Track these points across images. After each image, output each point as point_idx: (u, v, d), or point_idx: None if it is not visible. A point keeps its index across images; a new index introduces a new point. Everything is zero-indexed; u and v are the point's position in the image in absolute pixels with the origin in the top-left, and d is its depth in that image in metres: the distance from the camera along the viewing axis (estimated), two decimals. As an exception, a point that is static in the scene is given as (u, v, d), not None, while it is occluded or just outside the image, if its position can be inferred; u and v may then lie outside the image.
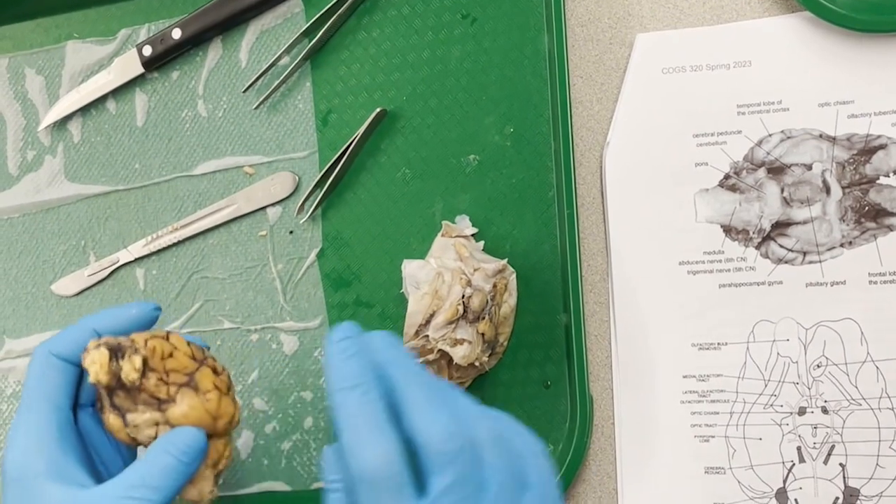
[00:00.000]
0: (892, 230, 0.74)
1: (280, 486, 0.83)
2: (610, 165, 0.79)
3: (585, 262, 0.79)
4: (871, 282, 0.74)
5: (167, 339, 0.63)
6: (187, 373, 0.62)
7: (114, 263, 0.87)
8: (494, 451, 0.55)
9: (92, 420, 0.66)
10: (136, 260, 0.87)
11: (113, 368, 0.60)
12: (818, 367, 0.74)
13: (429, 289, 0.75)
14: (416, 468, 0.54)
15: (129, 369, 0.60)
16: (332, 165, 0.82)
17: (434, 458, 0.53)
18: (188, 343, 0.64)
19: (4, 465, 0.61)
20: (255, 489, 0.83)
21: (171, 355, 0.62)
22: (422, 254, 0.80)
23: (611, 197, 0.78)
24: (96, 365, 0.60)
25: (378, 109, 0.82)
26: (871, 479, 0.73)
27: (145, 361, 0.61)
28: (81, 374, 0.64)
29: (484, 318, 0.75)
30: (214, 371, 0.64)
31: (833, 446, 0.74)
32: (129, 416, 0.62)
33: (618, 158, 0.79)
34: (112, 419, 0.62)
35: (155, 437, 0.61)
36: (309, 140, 0.85)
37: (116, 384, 0.61)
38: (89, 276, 0.87)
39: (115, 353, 0.60)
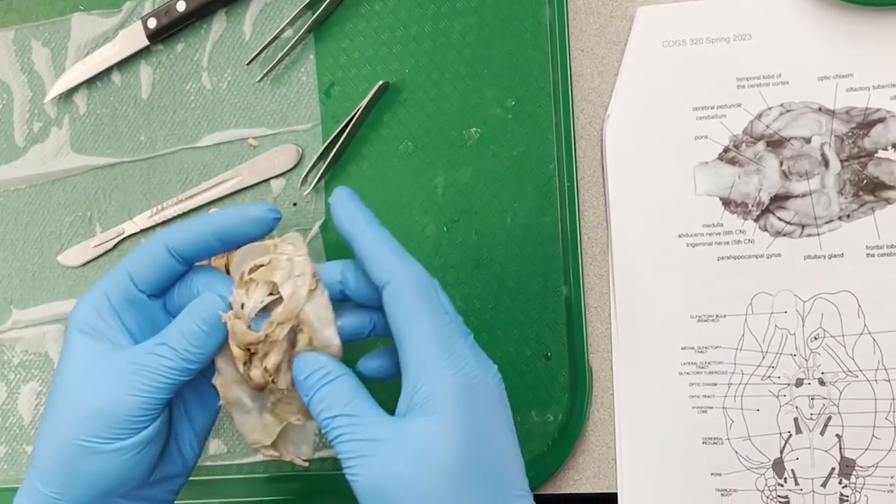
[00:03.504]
0: (890, 203, 0.74)
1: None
2: (610, 138, 0.79)
3: (585, 235, 0.80)
4: (868, 254, 0.74)
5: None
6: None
7: (119, 234, 0.88)
8: None
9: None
10: (141, 231, 0.87)
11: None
12: (815, 338, 0.75)
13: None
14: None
15: (259, 374, 0.64)
16: (335, 138, 0.83)
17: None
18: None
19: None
20: (260, 457, 0.84)
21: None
22: (423, 225, 0.81)
23: (611, 170, 0.79)
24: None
25: (381, 82, 0.82)
26: (866, 449, 0.74)
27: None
28: (185, 270, 0.68)
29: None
30: None
31: (830, 417, 0.74)
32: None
33: (618, 131, 0.79)
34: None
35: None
36: (312, 112, 0.85)
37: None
38: (95, 247, 0.88)
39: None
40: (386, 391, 0.66)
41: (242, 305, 0.64)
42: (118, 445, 0.62)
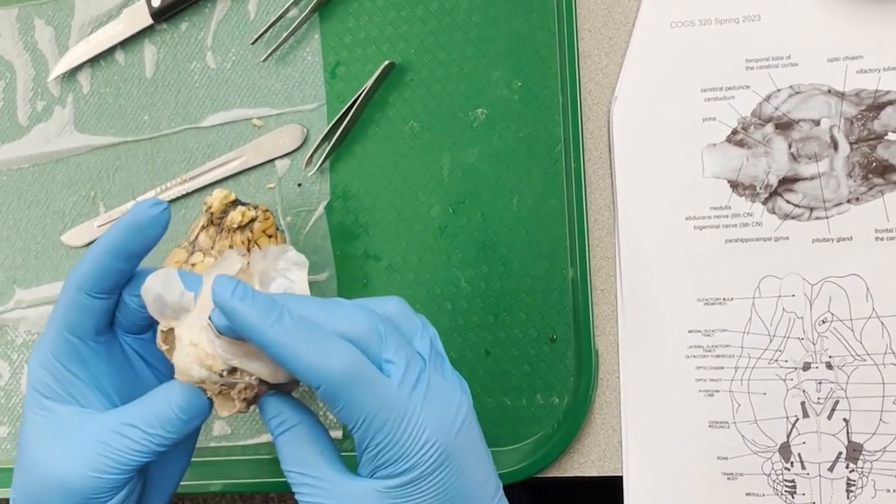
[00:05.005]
0: (899, 186, 0.74)
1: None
2: (617, 120, 0.78)
3: (592, 217, 0.79)
4: (877, 238, 0.74)
5: (276, 236, 0.69)
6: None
7: (123, 214, 0.87)
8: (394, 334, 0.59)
9: (131, 346, 0.67)
10: (145, 211, 0.87)
11: (225, 206, 0.65)
12: (823, 322, 0.74)
13: None
14: None
15: (237, 216, 0.64)
16: (340, 118, 0.82)
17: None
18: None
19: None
20: (264, 439, 0.84)
21: (270, 238, 0.64)
22: (429, 207, 0.81)
23: (618, 151, 0.78)
24: (218, 197, 0.70)
25: (386, 62, 0.82)
26: (874, 434, 0.73)
27: (252, 220, 0.64)
28: (117, 301, 0.63)
29: None
30: None
31: (837, 401, 0.74)
32: (194, 257, 0.63)
33: (625, 113, 0.78)
34: (178, 252, 0.63)
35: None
36: (317, 92, 0.85)
37: (213, 221, 0.64)
38: (99, 226, 0.88)
39: (237, 202, 0.71)
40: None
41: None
42: None
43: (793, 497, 0.74)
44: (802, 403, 0.74)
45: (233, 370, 0.58)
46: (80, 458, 0.60)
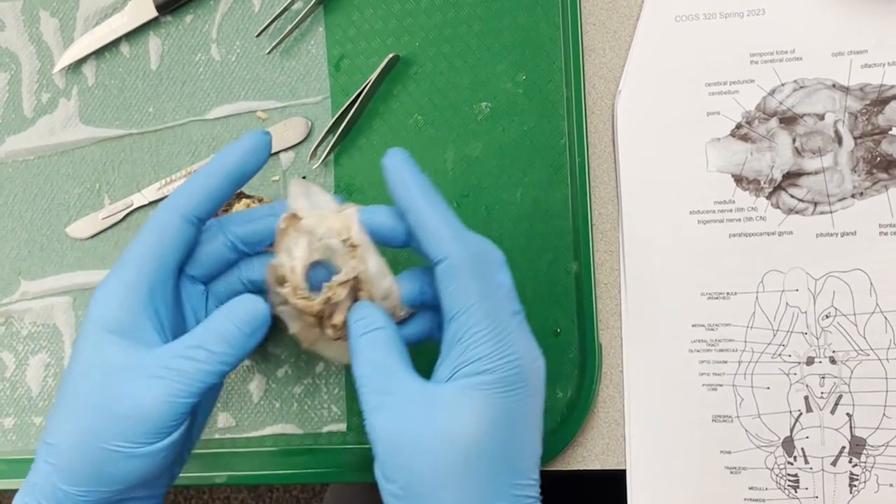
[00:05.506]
0: (903, 181, 0.74)
1: (291, 428, 0.84)
2: (622, 114, 0.78)
3: (596, 211, 0.79)
4: (881, 233, 0.74)
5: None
6: None
7: (128, 207, 0.87)
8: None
9: (197, 292, 0.69)
10: (150, 203, 0.87)
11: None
12: (827, 317, 0.74)
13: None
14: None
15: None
16: (344, 111, 0.82)
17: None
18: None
19: (87, 311, 0.64)
20: (269, 431, 0.84)
21: None
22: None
23: (622, 145, 0.78)
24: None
25: (390, 55, 0.82)
26: (877, 429, 0.74)
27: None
28: (196, 238, 0.67)
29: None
30: None
31: (840, 396, 0.74)
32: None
33: (630, 107, 0.78)
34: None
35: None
36: (321, 85, 0.85)
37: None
38: (104, 218, 0.88)
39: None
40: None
41: (292, 270, 0.65)
42: (150, 449, 0.61)
43: (795, 491, 0.75)
44: (806, 398, 0.75)
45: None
46: (149, 386, 0.61)
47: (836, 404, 0.74)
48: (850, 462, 0.74)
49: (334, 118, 0.83)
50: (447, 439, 0.58)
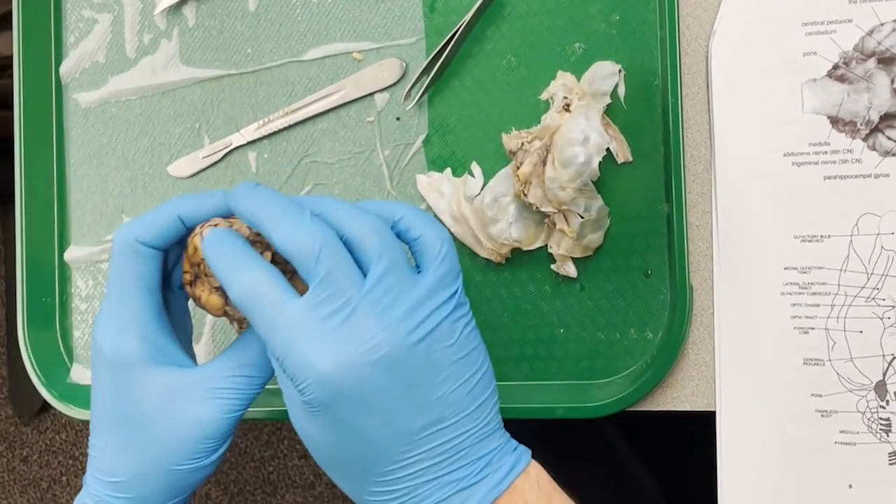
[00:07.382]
0: None
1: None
2: (716, 54, 0.78)
3: (688, 152, 0.79)
4: (980, 176, 0.73)
5: None
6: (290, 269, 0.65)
7: (227, 146, 0.89)
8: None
9: (177, 300, 0.72)
10: (248, 143, 0.89)
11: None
12: (922, 261, 0.74)
13: None
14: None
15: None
16: (438, 52, 0.83)
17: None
18: None
19: (98, 352, 0.67)
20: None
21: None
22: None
23: (716, 86, 0.78)
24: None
25: (485, -4, 0.82)
26: (971, 374, 0.73)
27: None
28: (165, 258, 0.69)
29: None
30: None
31: (935, 341, 0.73)
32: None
33: (724, 47, 0.78)
34: (213, 298, 0.65)
35: None
36: (416, 27, 0.85)
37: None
38: (203, 158, 0.90)
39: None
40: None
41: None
42: (214, 457, 0.66)
43: (887, 435, 0.74)
44: (899, 342, 0.74)
45: None
46: (212, 406, 0.65)
47: (931, 349, 0.74)
48: (943, 407, 0.73)
49: (428, 59, 0.83)
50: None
